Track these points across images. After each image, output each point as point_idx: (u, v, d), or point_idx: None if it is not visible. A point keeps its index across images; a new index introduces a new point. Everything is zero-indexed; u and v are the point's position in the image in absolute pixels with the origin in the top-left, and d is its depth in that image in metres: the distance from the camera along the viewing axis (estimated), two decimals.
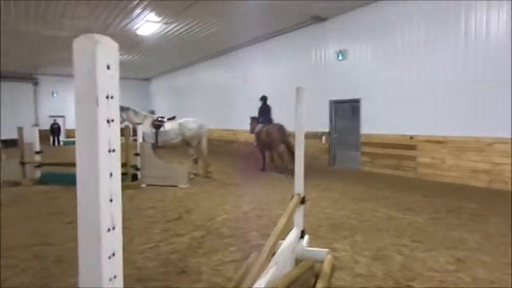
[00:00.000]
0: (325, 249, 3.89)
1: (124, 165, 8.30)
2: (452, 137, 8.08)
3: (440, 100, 8.31)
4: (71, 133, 23.97)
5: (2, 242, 4.60)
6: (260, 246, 4.26)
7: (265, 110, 10.55)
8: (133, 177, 8.33)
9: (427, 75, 8.58)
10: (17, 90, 22.84)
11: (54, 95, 24.18)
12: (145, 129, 8.94)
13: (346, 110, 10.99)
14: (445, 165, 8.28)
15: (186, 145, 9.47)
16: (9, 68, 20.77)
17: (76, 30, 12.73)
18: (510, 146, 7.10)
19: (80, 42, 0.93)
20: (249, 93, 15.11)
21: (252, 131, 10.89)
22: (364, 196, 7.00)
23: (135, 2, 10.12)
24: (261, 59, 14.54)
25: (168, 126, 9.21)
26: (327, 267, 3.42)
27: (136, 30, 12.69)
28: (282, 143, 9.74)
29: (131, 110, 9.38)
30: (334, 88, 11.13)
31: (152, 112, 17.56)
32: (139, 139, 8.52)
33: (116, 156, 1.01)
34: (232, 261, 3.89)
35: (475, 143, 7.66)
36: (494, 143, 7.35)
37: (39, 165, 8.92)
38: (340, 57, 10.90)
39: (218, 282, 3.40)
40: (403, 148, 9.16)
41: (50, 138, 21.97)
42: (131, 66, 20.59)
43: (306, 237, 4.00)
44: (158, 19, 11.64)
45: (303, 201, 3.79)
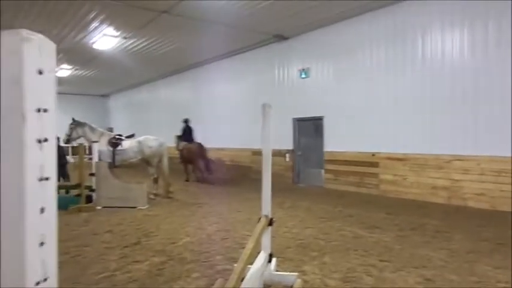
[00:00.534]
0: (295, 273, 3.72)
1: (78, 186, 7.76)
2: (413, 154, 8.33)
3: (401, 118, 8.58)
4: None
5: None
6: (225, 272, 4.01)
7: (187, 130, 12.60)
8: (87, 199, 7.78)
9: (388, 94, 8.86)
10: None
11: None
12: (101, 147, 8.44)
13: (310, 127, 11.09)
14: (406, 182, 8.48)
15: (146, 164, 9.05)
16: None
17: None
18: (468, 163, 7.40)
19: (4, 40, 0.72)
20: (212, 110, 14.94)
21: (177, 148, 12.70)
22: (330, 214, 6.95)
23: (92, 15, 9.73)
24: (224, 76, 14.47)
25: (126, 144, 8.77)
26: None
27: (92, 44, 12.20)
28: (201, 158, 11.68)
29: (87, 126, 8.86)
30: (297, 106, 11.23)
31: (110, 129, 16.83)
32: (95, 158, 8.01)
33: (51, 185, 0.79)
34: None
35: (435, 160, 7.93)
36: (453, 160, 7.64)
37: None
38: (303, 75, 11.06)
39: None
40: (366, 165, 9.31)
41: None
42: (88, 82, 19.77)
43: (274, 261, 3.82)
44: (117, 33, 11.26)
45: (270, 223, 3.62)
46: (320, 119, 10.58)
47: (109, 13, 9.52)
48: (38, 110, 0.76)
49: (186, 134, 12.50)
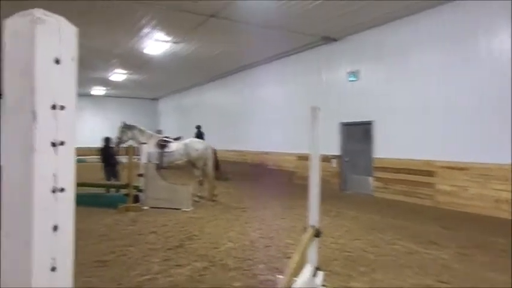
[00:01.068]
0: None
1: (127, 186, 7.98)
2: (474, 163, 7.61)
3: (460, 123, 7.89)
4: (78, 151, 23.79)
5: None
6: (268, 282, 3.83)
7: (199, 135, 14.08)
8: (135, 199, 7.98)
9: (445, 97, 8.22)
10: None
11: None
12: (150, 149, 8.64)
13: (358, 132, 10.61)
14: (466, 194, 7.77)
15: (191, 166, 9.13)
16: None
17: (87, 49, 12.72)
18: None
19: (13, 23, 0.60)
20: (258, 113, 14.88)
21: None
22: (379, 225, 6.53)
23: (144, 21, 10.06)
24: (270, 80, 14.36)
25: (173, 146, 8.92)
26: None
27: (144, 49, 12.63)
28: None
29: (137, 128, 9.12)
30: (345, 110, 10.81)
31: (159, 132, 17.38)
32: (143, 159, 8.21)
33: (67, 198, 0.66)
34: None
35: (499, 170, 7.19)
36: None
37: None
38: (351, 78, 10.63)
39: None
40: (420, 174, 8.69)
41: None
42: (140, 86, 20.61)
43: (321, 275, 3.57)
44: (168, 38, 11.56)
45: (317, 234, 3.39)
46: (369, 124, 10.09)
47: (160, 18, 9.78)
48: (53, 106, 0.63)
49: (199, 138, 13.27)
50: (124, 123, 9.33)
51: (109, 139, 9.64)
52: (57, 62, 0.64)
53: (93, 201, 8.07)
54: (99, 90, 22.14)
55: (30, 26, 0.59)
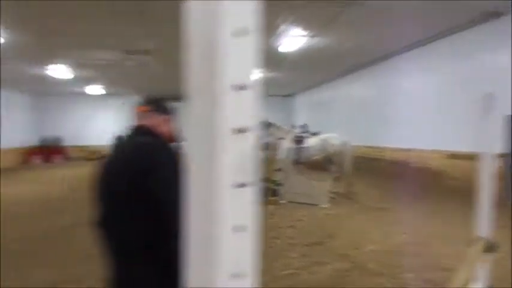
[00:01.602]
0: None
1: (265, 180, 8.32)
2: None
3: None
4: None
5: None
6: None
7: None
8: (273, 193, 8.25)
9: None
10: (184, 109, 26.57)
11: None
12: (287, 144, 8.82)
13: None
14: None
15: (328, 162, 8.95)
16: (176, 92, 24.25)
17: None
18: None
19: (195, 4, 0.53)
20: (399, 106, 13.68)
21: None
22: None
23: (281, 19, 10.28)
24: (413, 68, 13.01)
25: (310, 142, 8.89)
26: None
27: (279, 47, 12.97)
28: None
29: (273, 125, 9.43)
30: None
31: (295, 128, 17.77)
32: (281, 154, 8.42)
33: (251, 193, 0.57)
34: None
35: None
36: None
37: None
38: None
39: None
40: None
41: None
42: (274, 83, 21.40)
43: None
44: (304, 33, 11.59)
45: (491, 248, 2.79)
46: None
47: (298, 13, 9.83)
48: (240, 86, 0.53)
49: None
50: (262, 121, 9.77)
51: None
52: (238, 35, 0.54)
53: None
54: None
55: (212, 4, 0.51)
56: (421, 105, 12.51)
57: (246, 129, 0.55)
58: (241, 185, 0.56)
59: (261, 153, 9.95)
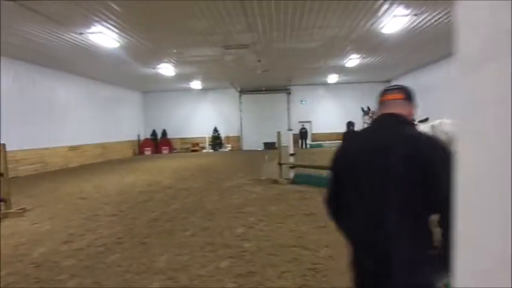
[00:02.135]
0: None
1: None
2: None
3: None
4: (316, 137, 26.20)
5: (275, 240, 4.98)
6: None
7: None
8: None
9: None
10: (275, 99, 26.90)
11: (303, 103, 26.94)
12: None
13: None
14: None
15: None
16: (269, 82, 24.61)
17: (325, 40, 13.40)
18: None
19: None
20: None
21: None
22: None
23: None
24: None
25: (419, 128, 8.12)
26: None
27: (381, 28, 12.10)
28: None
29: (375, 112, 8.84)
30: None
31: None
32: None
33: None
34: None
35: None
36: None
37: (293, 166, 9.72)
38: None
39: None
40: None
41: (299, 142, 24.43)
42: (372, 69, 20.21)
43: None
44: (407, 12, 10.61)
45: None
46: None
47: None
48: None
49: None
50: (362, 108, 9.25)
51: (352, 123, 9.60)
52: None
53: None
54: (333, 78, 23.20)
55: None
56: None
57: None
58: None
59: None
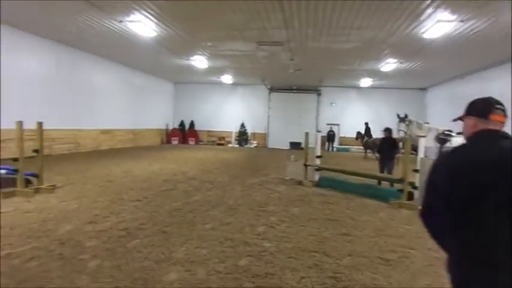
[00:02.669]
0: None
1: (401, 181, 7.55)
2: None
3: None
4: (343, 141, 25.55)
5: (295, 244, 4.86)
6: None
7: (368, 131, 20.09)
8: (409, 196, 7.43)
9: None
10: (305, 99, 26.51)
11: (333, 105, 26.38)
12: (428, 143, 7.81)
13: None
14: None
15: None
16: (300, 82, 24.28)
17: (362, 41, 13.02)
18: None
19: None
20: None
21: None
22: None
23: (427, 2, 9.10)
24: None
25: (457, 141, 7.71)
26: None
27: (422, 33, 11.60)
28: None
29: (414, 121, 8.47)
30: None
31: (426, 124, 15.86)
32: (420, 154, 7.50)
33: None
34: None
35: None
36: None
37: (319, 169, 9.51)
38: None
39: None
40: None
41: (326, 144, 23.95)
42: (409, 75, 19.53)
43: None
44: (452, 17, 10.09)
45: None
46: None
47: None
48: None
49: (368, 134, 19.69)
50: (398, 115, 8.89)
51: (390, 130, 9.06)
52: None
53: (364, 192, 8.12)
54: (367, 82, 22.60)
55: None
56: None
57: None
58: None
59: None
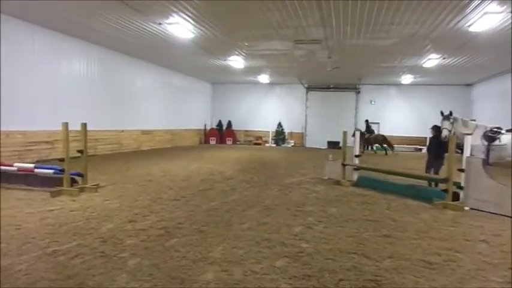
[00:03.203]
0: None
1: (446, 180, 7.24)
2: None
3: None
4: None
5: (331, 245, 4.83)
6: None
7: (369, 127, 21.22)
8: (454, 196, 7.12)
9: None
10: (343, 98, 26.07)
11: (372, 103, 25.72)
12: (474, 141, 7.43)
13: None
14: None
15: None
16: (338, 80, 23.89)
17: (401, 37, 12.61)
18: None
19: None
20: None
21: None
22: None
23: None
24: None
25: (506, 139, 7.29)
26: None
27: (468, 27, 11.02)
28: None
29: (460, 119, 8.08)
30: None
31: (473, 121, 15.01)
32: (466, 152, 7.16)
33: None
34: None
35: None
36: None
37: (357, 168, 9.33)
38: None
39: None
40: None
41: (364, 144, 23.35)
42: (453, 71, 18.63)
43: None
44: (501, 9, 9.52)
45: None
46: None
47: None
48: None
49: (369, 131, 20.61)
50: (441, 112, 8.51)
51: (438, 128, 8.57)
52: None
53: (405, 192, 7.88)
54: (408, 79, 21.81)
55: None
56: None
57: None
58: None
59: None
